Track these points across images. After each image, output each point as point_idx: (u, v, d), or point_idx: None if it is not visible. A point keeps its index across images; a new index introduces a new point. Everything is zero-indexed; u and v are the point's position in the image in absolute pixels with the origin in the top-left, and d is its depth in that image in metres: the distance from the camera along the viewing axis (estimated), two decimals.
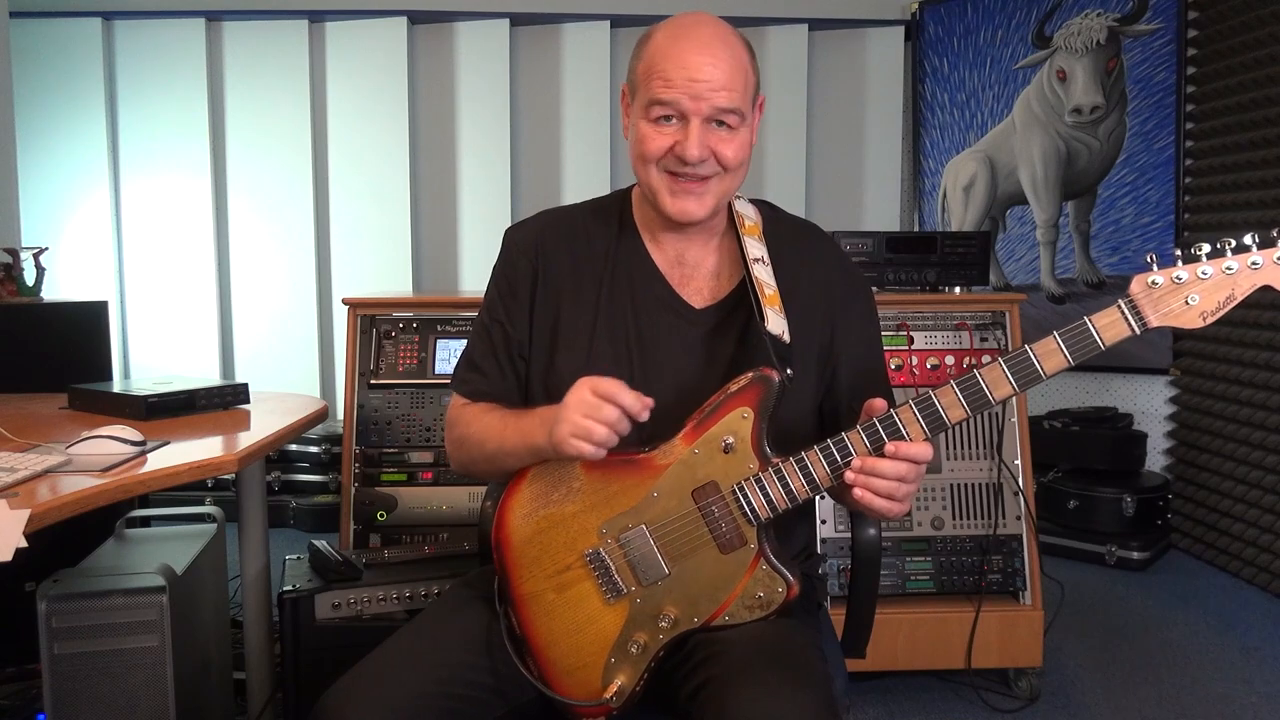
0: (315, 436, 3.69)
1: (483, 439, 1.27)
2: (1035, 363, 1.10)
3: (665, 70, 1.16)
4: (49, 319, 2.53)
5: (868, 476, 1.10)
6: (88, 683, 1.53)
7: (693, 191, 1.20)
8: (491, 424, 1.26)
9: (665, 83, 1.16)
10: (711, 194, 1.22)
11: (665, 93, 1.16)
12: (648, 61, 1.19)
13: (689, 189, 1.20)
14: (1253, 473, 3.08)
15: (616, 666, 1.18)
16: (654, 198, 1.22)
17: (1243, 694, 2.35)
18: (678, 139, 1.17)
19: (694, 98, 1.15)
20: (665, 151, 1.18)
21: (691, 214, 1.22)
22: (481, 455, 1.28)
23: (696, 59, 1.15)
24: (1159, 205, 3.47)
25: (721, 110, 1.17)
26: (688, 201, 1.21)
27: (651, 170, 1.21)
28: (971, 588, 2.23)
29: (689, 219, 1.23)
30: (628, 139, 1.25)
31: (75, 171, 3.96)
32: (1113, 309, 1.09)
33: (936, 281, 2.45)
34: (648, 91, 1.18)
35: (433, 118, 4.11)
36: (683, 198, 1.21)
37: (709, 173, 1.20)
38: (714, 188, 1.21)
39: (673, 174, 1.20)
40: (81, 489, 1.29)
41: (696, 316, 1.28)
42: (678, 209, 1.21)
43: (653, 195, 1.22)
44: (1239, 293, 1.07)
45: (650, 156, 1.19)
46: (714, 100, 1.16)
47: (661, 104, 1.16)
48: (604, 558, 1.19)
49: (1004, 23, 3.84)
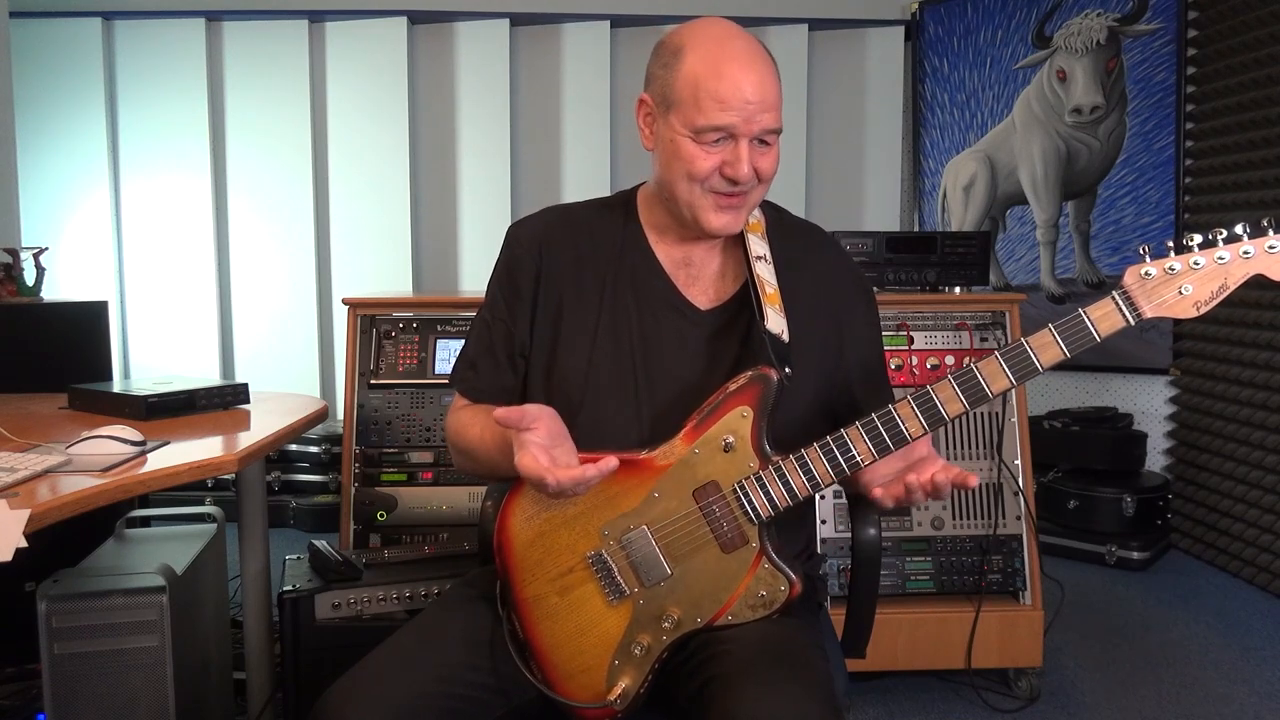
0: (315, 436, 3.69)
1: (475, 452, 1.27)
2: (1031, 355, 1.11)
3: (719, 93, 1.14)
4: (49, 319, 2.53)
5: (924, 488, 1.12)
6: (88, 683, 1.53)
7: (736, 206, 1.21)
8: (479, 438, 1.26)
9: (721, 106, 1.14)
10: (748, 207, 1.24)
11: (722, 117, 1.15)
12: (690, 80, 1.16)
13: (733, 204, 1.21)
14: (1253, 473, 3.08)
15: (620, 669, 1.18)
16: (693, 213, 1.22)
17: (1243, 694, 2.35)
18: (726, 159, 1.17)
19: (747, 120, 1.15)
20: (713, 172, 1.18)
21: (733, 227, 1.23)
22: (476, 465, 1.29)
23: (745, 80, 1.14)
24: (1159, 205, 3.47)
25: (769, 130, 1.17)
26: (731, 215, 1.22)
27: (695, 188, 1.20)
28: (971, 588, 2.23)
29: (730, 233, 1.24)
30: (650, 149, 1.24)
31: (75, 171, 3.96)
32: (1106, 300, 1.10)
33: (936, 281, 2.45)
34: (698, 114, 1.15)
35: (433, 118, 4.11)
36: (727, 212, 1.21)
37: (750, 188, 1.21)
38: (751, 200, 1.23)
39: (717, 192, 1.20)
40: (81, 489, 1.29)
41: (701, 318, 1.28)
42: (720, 224, 1.22)
43: (692, 210, 1.22)
44: (1232, 282, 1.08)
45: (699, 176, 1.19)
46: (764, 122, 1.16)
47: (718, 129, 1.16)
48: (606, 559, 1.19)
49: (1004, 23, 3.84)
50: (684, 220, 1.24)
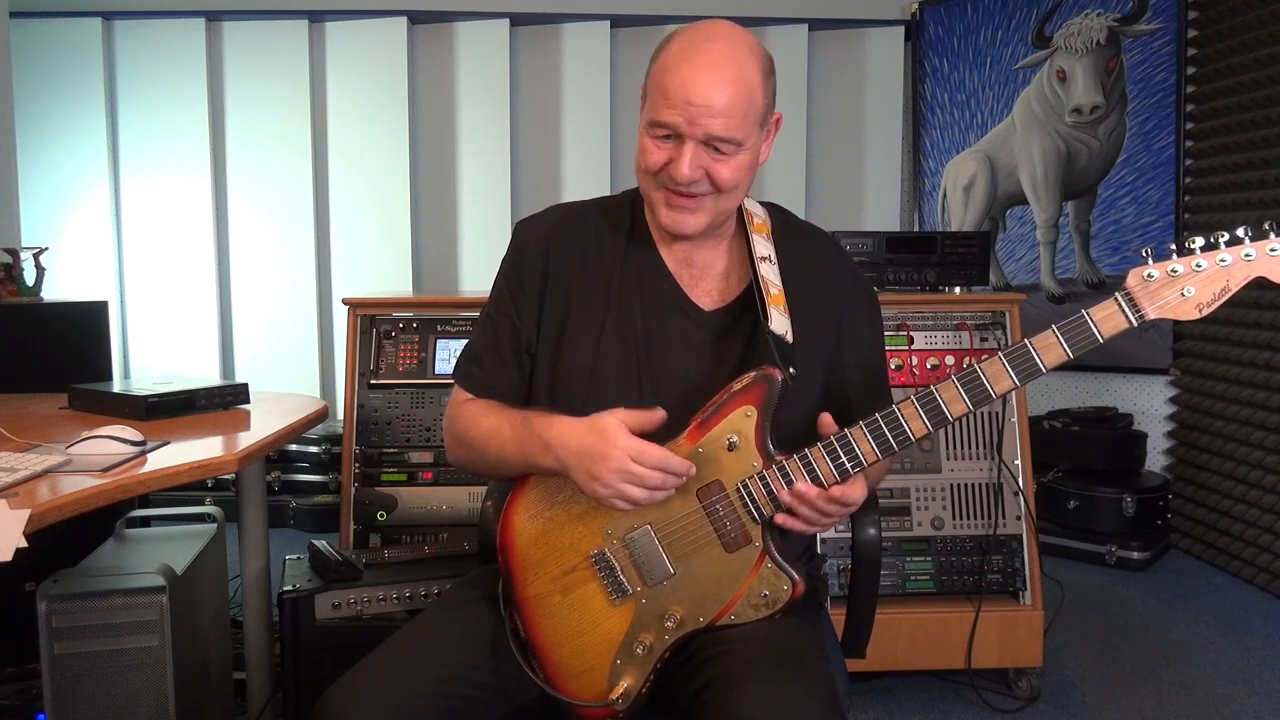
0: (315, 436, 3.69)
1: (484, 446, 1.25)
2: (1035, 356, 1.12)
3: (667, 88, 1.14)
4: (49, 319, 2.53)
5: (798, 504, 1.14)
6: (88, 683, 1.53)
7: (686, 208, 1.20)
8: (492, 430, 1.24)
9: (665, 101, 1.14)
10: (705, 211, 1.21)
11: (664, 113, 1.14)
12: (657, 73, 1.17)
13: (683, 204, 1.20)
14: (1253, 473, 3.08)
15: (623, 668, 1.18)
16: (651, 208, 1.24)
17: (1243, 694, 2.35)
18: (673, 156, 1.16)
19: (689, 121, 1.13)
20: (661, 167, 1.18)
21: (684, 228, 1.21)
22: (480, 460, 1.27)
23: (699, 81, 1.13)
24: (1159, 205, 3.47)
25: (715, 137, 1.15)
26: (681, 216, 1.20)
27: (649, 182, 1.21)
28: (971, 588, 2.23)
29: (681, 232, 1.22)
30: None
31: (75, 171, 3.96)
32: (1109, 302, 1.10)
33: (936, 281, 2.45)
34: (649, 106, 1.18)
35: (433, 118, 4.11)
36: (677, 211, 1.20)
37: (702, 191, 1.19)
38: (708, 205, 1.21)
39: (667, 189, 1.19)
40: (81, 489, 1.29)
41: (705, 318, 1.28)
42: (670, 221, 1.21)
43: (650, 205, 1.24)
44: (1233, 284, 1.09)
45: (647, 169, 1.19)
46: (708, 126, 1.14)
47: (659, 124, 1.16)
48: (609, 558, 1.19)
49: (1004, 23, 3.84)
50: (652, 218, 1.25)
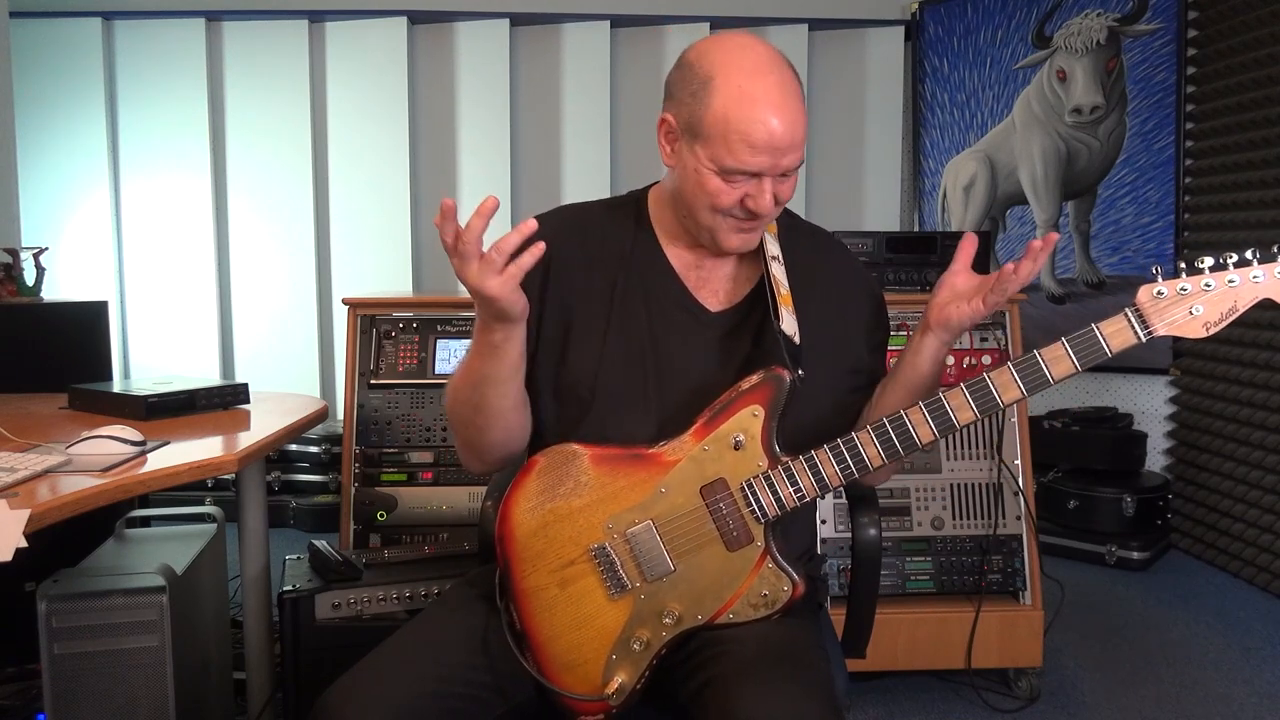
0: (315, 436, 3.69)
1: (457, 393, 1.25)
2: (1044, 368, 1.13)
3: (750, 137, 1.12)
4: (49, 319, 2.53)
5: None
6: (88, 683, 1.53)
7: (754, 229, 1.22)
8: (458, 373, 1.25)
9: (751, 150, 1.12)
10: (764, 229, 1.25)
11: (751, 162, 1.13)
12: (720, 118, 1.13)
13: (753, 227, 1.22)
14: (1253, 473, 3.08)
15: (618, 663, 1.18)
16: (712, 235, 1.22)
17: (1243, 694, 2.35)
18: (748, 191, 1.17)
19: (774, 164, 1.14)
20: (736, 204, 1.18)
21: (750, 246, 1.24)
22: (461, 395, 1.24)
23: (775, 125, 1.12)
24: (1159, 205, 3.47)
25: (792, 169, 1.17)
26: (748, 237, 1.23)
27: (717, 217, 1.20)
28: (971, 588, 2.23)
29: (745, 250, 1.25)
30: (669, 165, 1.23)
31: (75, 171, 3.96)
32: (1119, 317, 1.12)
33: (936, 281, 2.44)
34: (727, 154, 1.13)
35: (433, 118, 4.11)
36: (746, 234, 1.22)
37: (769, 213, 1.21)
38: (766, 223, 1.25)
39: (736, 218, 1.20)
40: (81, 489, 1.29)
41: (712, 319, 1.28)
42: (737, 244, 1.23)
43: (711, 234, 1.22)
44: (1241, 305, 1.11)
45: (721, 209, 1.19)
46: (790, 162, 1.16)
47: (746, 173, 1.15)
48: (609, 553, 1.19)
49: (1004, 23, 3.84)
50: (700, 238, 1.25)
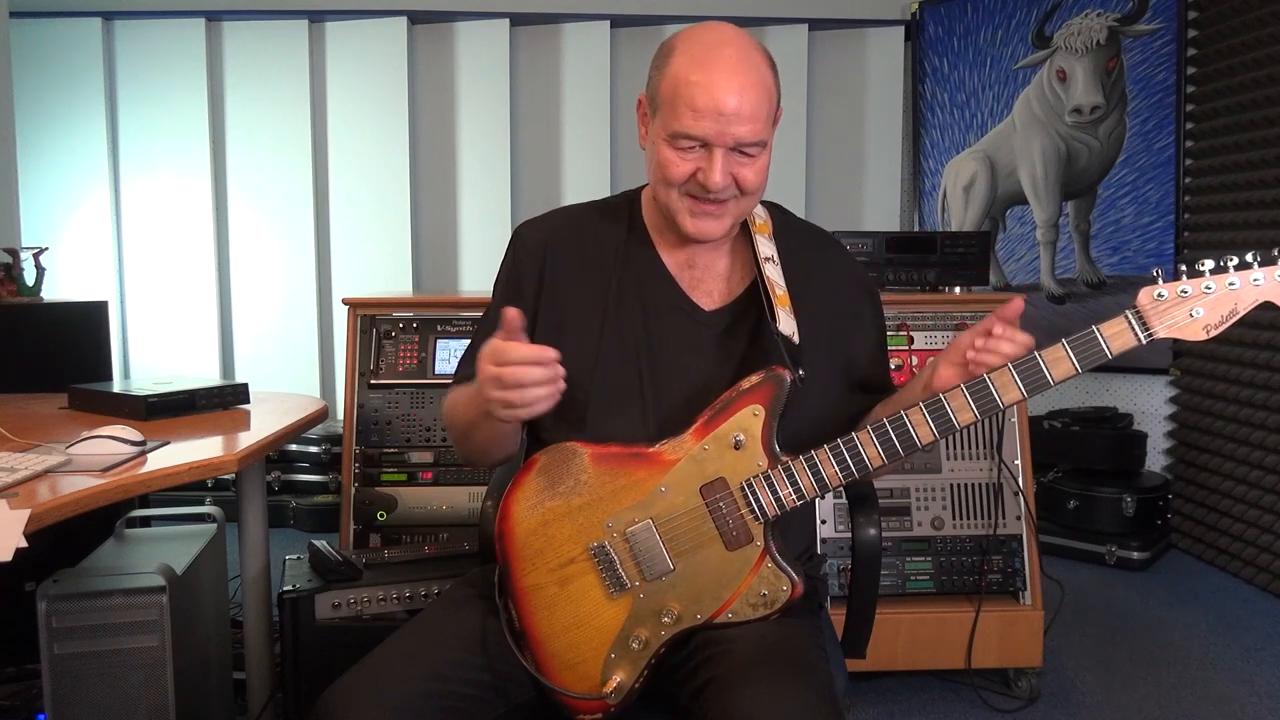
0: (315, 436, 3.69)
1: (454, 420, 1.29)
2: (1044, 370, 1.12)
3: (692, 99, 1.13)
4: (49, 319, 2.53)
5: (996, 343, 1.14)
6: (88, 683, 1.53)
7: (712, 214, 1.21)
8: (460, 401, 1.26)
9: (693, 114, 1.14)
10: (730, 215, 1.22)
11: (695, 125, 1.14)
12: (672, 84, 1.16)
13: (709, 211, 1.20)
14: (1253, 473, 3.08)
15: (616, 662, 1.18)
16: (673, 217, 1.22)
17: (1243, 694, 2.35)
18: (700, 165, 1.17)
19: (720, 131, 1.14)
20: (688, 177, 1.18)
21: (710, 234, 1.22)
22: (461, 435, 1.29)
23: (724, 89, 1.13)
24: (1159, 205, 3.47)
25: (744, 143, 1.16)
26: (707, 223, 1.21)
27: (672, 193, 1.21)
28: (971, 588, 2.23)
29: (707, 238, 1.23)
30: (644, 148, 1.25)
31: (75, 171, 3.96)
32: (1119, 319, 1.11)
33: (936, 281, 2.45)
34: (673, 119, 1.15)
35: (433, 118, 4.11)
36: (702, 219, 1.21)
37: (728, 197, 1.20)
38: (732, 209, 1.22)
39: (693, 197, 1.20)
40: (81, 489, 1.29)
41: (706, 318, 1.28)
42: (697, 229, 1.22)
43: (672, 215, 1.22)
44: (1241, 308, 1.10)
45: (673, 181, 1.19)
46: (738, 134, 1.15)
47: (690, 137, 1.15)
48: (609, 551, 1.19)
49: (1004, 23, 3.84)
50: (671, 227, 1.24)
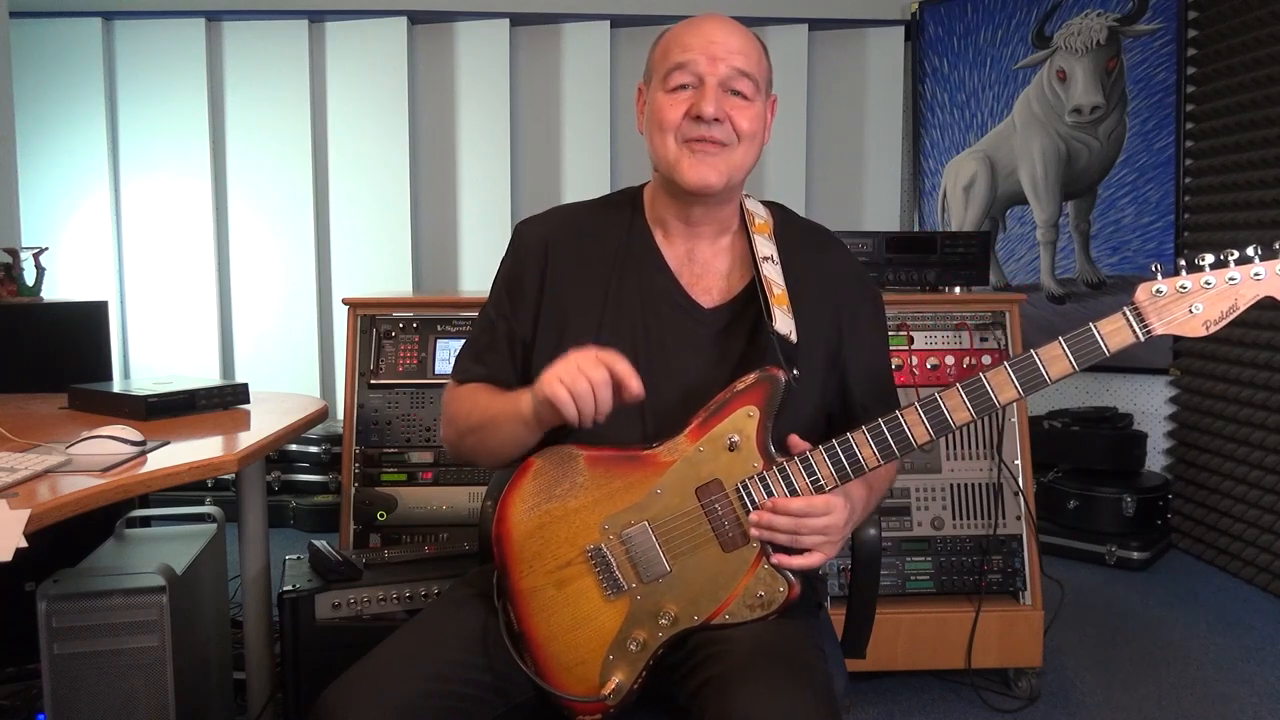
0: (315, 436, 3.69)
1: (470, 412, 1.28)
2: (1041, 368, 1.12)
3: (684, 39, 1.22)
4: (49, 319, 2.53)
5: (770, 519, 1.14)
6: (88, 683, 1.53)
7: (710, 154, 1.21)
8: (481, 398, 1.28)
9: (683, 49, 1.21)
10: (725, 162, 1.22)
11: (683, 55, 1.20)
12: (665, 44, 1.25)
13: (706, 150, 1.21)
14: (1253, 473, 3.08)
15: (615, 664, 1.18)
16: (672, 170, 1.22)
17: (1243, 694, 2.35)
18: (694, 101, 1.20)
19: (711, 59, 1.20)
20: (682, 117, 1.20)
21: (709, 181, 1.21)
22: (469, 428, 1.28)
23: (712, 27, 1.22)
24: (1159, 205, 3.47)
25: (738, 71, 1.20)
26: (705, 168, 1.21)
27: (669, 141, 1.22)
28: (971, 588, 2.23)
29: (706, 187, 1.22)
30: (642, 133, 1.28)
31: (75, 171, 3.96)
32: (1117, 316, 1.10)
33: (936, 281, 2.45)
34: (665, 62, 1.22)
35: (433, 118, 4.11)
36: (701, 162, 1.21)
37: (724, 138, 1.21)
38: (728, 156, 1.22)
39: (689, 139, 1.21)
40: (81, 489, 1.29)
41: (705, 316, 1.28)
42: (696, 176, 1.21)
43: (670, 168, 1.22)
44: (1241, 303, 1.09)
45: (669, 124, 1.21)
46: (730, 60, 1.20)
47: (680, 67, 1.20)
48: (605, 554, 1.19)
49: (1004, 23, 3.84)
50: (672, 187, 1.25)
